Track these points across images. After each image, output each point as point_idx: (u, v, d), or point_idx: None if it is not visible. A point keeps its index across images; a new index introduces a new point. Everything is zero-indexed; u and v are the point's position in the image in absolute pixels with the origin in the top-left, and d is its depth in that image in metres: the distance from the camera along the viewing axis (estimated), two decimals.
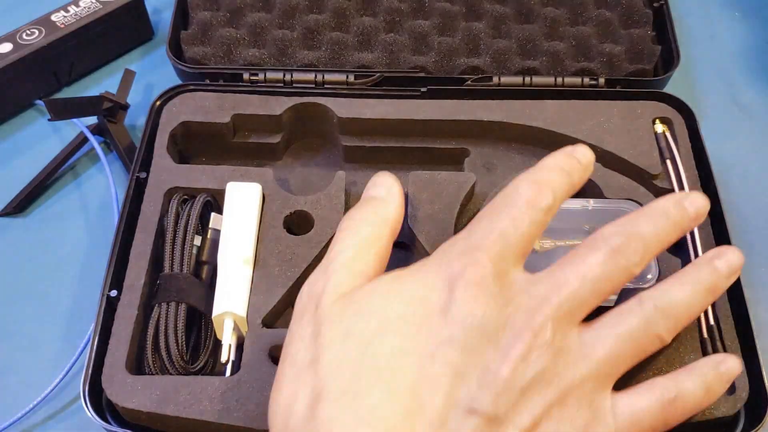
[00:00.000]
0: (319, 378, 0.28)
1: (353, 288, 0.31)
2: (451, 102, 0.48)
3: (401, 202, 0.35)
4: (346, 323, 0.29)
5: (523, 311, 0.29)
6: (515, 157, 0.47)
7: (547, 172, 0.32)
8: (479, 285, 0.29)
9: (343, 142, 0.48)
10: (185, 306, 0.39)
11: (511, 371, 0.27)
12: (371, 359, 0.28)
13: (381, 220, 0.34)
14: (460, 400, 0.27)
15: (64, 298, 0.45)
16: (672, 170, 0.45)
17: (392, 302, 0.30)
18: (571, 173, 0.33)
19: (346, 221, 0.34)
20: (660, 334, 0.30)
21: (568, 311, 0.29)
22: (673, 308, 0.31)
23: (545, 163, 0.33)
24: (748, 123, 0.53)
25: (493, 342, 0.28)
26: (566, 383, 0.28)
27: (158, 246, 0.42)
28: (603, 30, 0.53)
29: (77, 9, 0.53)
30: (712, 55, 0.57)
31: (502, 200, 0.32)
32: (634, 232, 0.30)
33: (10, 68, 0.50)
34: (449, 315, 0.28)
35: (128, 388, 0.37)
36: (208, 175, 0.44)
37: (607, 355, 0.29)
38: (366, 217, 0.34)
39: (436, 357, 0.28)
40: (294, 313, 0.32)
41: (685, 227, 0.32)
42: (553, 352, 0.28)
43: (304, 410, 0.28)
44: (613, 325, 0.30)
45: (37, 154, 0.51)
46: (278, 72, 0.50)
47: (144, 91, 0.55)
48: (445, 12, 0.53)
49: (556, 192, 0.32)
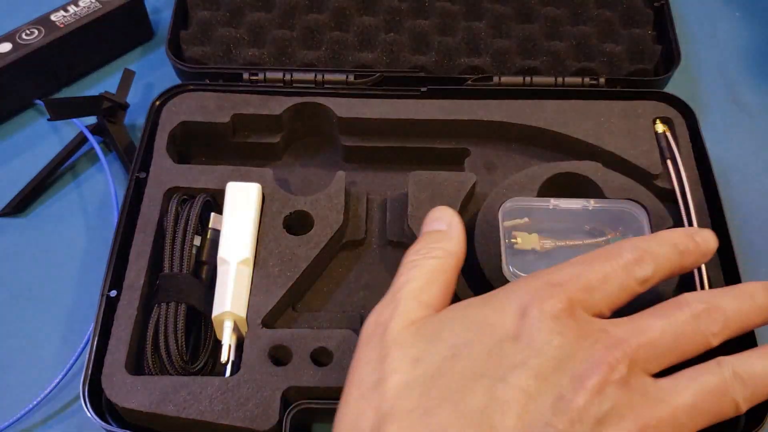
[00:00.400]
0: (386, 399, 0.28)
1: (421, 317, 0.30)
2: (451, 102, 0.47)
3: (464, 235, 0.35)
4: (416, 349, 0.29)
5: (600, 345, 0.28)
6: (515, 157, 0.47)
7: (657, 244, 0.32)
8: (556, 317, 0.28)
9: (343, 142, 0.48)
10: (185, 306, 0.39)
11: (586, 401, 0.27)
12: (440, 381, 0.27)
13: (446, 253, 0.33)
14: (533, 423, 0.26)
15: (63, 298, 0.45)
16: (672, 170, 0.45)
17: (462, 328, 0.29)
18: (684, 254, 0.32)
19: (410, 255, 0.34)
20: (737, 401, 0.29)
21: (645, 357, 0.28)
22: (752, 378, 0.29)
23: (660, 234, 0.32)
24: (748, 123, 0.53)
25: (567, 372, 0.27)
26: (643, 422, 0.27)
27: (158, 246, 0.42)
28: (603, 30, 0.53)
29: (77, 9, 0.53)
30: (713, 55, 0.57)
31: (600, 254, 0.31)
32: (716, 304, 0.30)
33: (9, 68, 0.50)
34: (522, 341, 0.28)
35: (128, 388, 0.37)
36: (207, 175, 0.44)
37: (685, 404, 0.28)
38: (431, 251, 0.33)
39: (507, 380, 0.27)
40: (359, 341, 0.31)
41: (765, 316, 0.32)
42: (629, 389, 0.27)
43: (369, 429, 0.27)
44: (691, 378, 0.29)
45: (37, 154, 0.51)
46: (278, 72, 0.50)
47: (143, 91, 0.55)
48: (445, 12, 0.53)
49: (659, 267, 0.31)
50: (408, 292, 0.31)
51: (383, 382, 0.28)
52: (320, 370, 0.38)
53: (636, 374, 0.28)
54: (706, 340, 0.30)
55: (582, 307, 0.29)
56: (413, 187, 0.43)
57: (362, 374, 0.29)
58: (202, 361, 0.39)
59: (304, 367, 0.38)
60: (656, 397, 0.28)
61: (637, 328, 0.29)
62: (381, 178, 0.47)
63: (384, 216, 0.45)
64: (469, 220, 0.43)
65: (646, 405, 0.28)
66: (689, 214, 0.43)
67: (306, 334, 0.39)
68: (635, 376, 0.28)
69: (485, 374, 0.27)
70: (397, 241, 0.44)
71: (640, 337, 0.29)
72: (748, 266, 0.45)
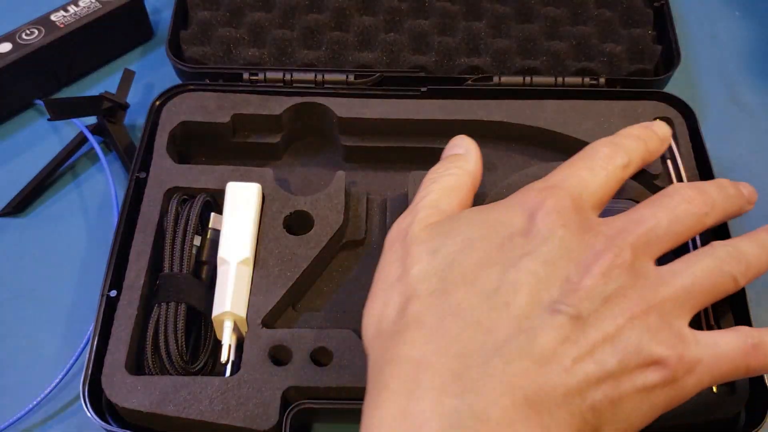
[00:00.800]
0: (409, 284, 0.30)
1: (439, 220, 0.33)
2: (451, 102, 0.47)
3: (480, 158, 0.37)
4: (433, 243, 0.32)
5: (603, 236, 0.31)
6: (515, 157, 0.47)
7: (623, 138, 0.36)
8: (560, 212, 0.31)
9: (343, 142, 0.48)
10: (185, 306, 0.39)
11: (593, 282, 0.29)
12: (457, 267, 0.30)
13: (463, 171, 0.36)
14: (543, 300, 0.29)
15: (63, 298, 0.45)
16: (672, 170, 0.45)
17: (476, 226, 0.32)
18: (647, 142, 0.36)
19: (430, 174, 0.37)
20: (734, 275, 0.32)
21: (646, 243, 0.31)
22: (744, 256, 0.32)
23: (622, 131, 0.36)
24: (748, 123, 0.53)
25: (573, 260, 0.30)
26: (647, 300, 0.29)
27: (158, 246, 0.42)
28: (603, 30, 0.53)
29: (77, 9, 0.53)
30: (713, 55, 0.57)
31: (579, 156, 0.35)
32: (703, 190, 0.34)
33: (9, 68, 0.50)
34: (531, 235, 0.30)
35: (128, 388, 0.37)
36: (207, 175, 0.44)
37: (685, 284, 0.31)
38: (448, 169, 0.36)
39: (518, 266, 0.29)
40: (384, 248, 0.34)
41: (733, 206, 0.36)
42: (633, 273, 0.30)
43: (395, 314, 0.30)
44: (688, 263, 0.32)
45: (37, 154, 0.51)
46: (278, 72, 0.50)
47: (144, 90, 0.55)
48: (445, 12, 0.53)
49: (632, 154, 0.35)
50: (427, 202, 0.35)
51: (406, 273, 0.31)
52: (320, 370, 0.38)
53: (639, 259, 0.30)
54: (700, 221, 0.33)
55: (582, 200, 0.32)
56: (413, 187, 0.43)
57: (387, 272, 0.32)
58: (202, 361, 0.39)
59: (304, 367, 0.38)
60: (658, 280, 0.30)
61: (635, 219, 0.32)
62: (381, 178, 0.47)
63: (384, 216, 0.45)
64: None
65: (649, 286, 0.30)
66: None
67: (306, 334, 0.39)
68: (638, 260, 0.30)
69: (498, 262, 0.30)
70: None
71: (639, 226, 0.31)
72: None
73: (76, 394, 0.42)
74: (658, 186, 0.44)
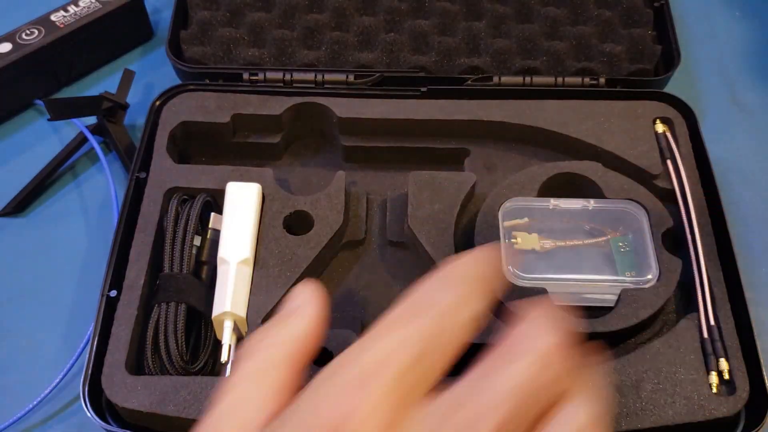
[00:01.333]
0: None
1: None
2: (451, 102, 0.47)
3: (313, 315, 0.25)
4: None
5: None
6: (515, 157, 0.47)
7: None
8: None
9: (343, 142, 0.48)
10: (185, 306, 0.39)
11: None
12: None
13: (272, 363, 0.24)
14: None
15: (63, 298, 0.45)
16: (672, 170, 0.45)
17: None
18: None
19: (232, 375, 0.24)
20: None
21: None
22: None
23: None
24: (748, 123, 0.53)
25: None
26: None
27: (158, 246, 0.42)
28: (603, 30, 0.53)
29: (77, 9, 0.53)
30: (713, 55, 0.57)
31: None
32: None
33: (9, 68, 0.50)
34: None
35: (128, 388, 0.37)
36: (207, 175, 0.44)
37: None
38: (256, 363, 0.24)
39: None
40: None
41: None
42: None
43: None
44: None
45: (37, 154, 0.51)
46: (278, 72, 0.50)
47: (144, 91, 0.55)
48: (445, 12, 0.53)
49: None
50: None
51: None
52: (320, 370, 0.37)
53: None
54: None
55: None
56: (413, 187, 0.43)
57: None
58: (202, 361, 0.39)
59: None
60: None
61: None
62: (381, 178, 0.47)
63: (384, 216, 0.45)
64: (469, 220, 0.43)
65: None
66: (689, 214, 0.43)
67: None
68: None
69: None
70: (397, 241, 0.44)
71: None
72: (748, 266, 0.45)
73: (76, 394, 0.42)
74: (658, 186, 0.44)
